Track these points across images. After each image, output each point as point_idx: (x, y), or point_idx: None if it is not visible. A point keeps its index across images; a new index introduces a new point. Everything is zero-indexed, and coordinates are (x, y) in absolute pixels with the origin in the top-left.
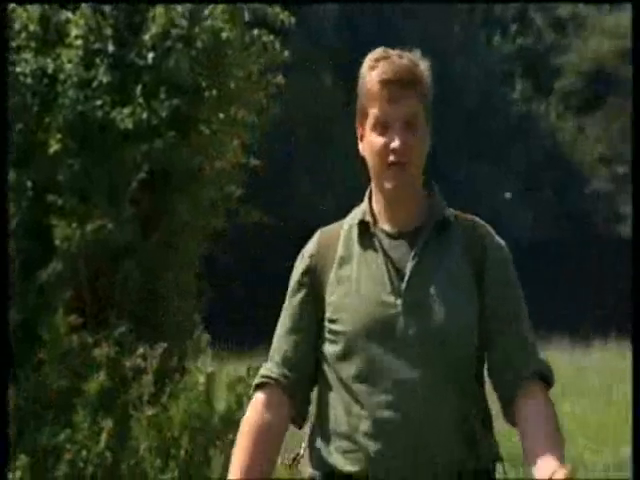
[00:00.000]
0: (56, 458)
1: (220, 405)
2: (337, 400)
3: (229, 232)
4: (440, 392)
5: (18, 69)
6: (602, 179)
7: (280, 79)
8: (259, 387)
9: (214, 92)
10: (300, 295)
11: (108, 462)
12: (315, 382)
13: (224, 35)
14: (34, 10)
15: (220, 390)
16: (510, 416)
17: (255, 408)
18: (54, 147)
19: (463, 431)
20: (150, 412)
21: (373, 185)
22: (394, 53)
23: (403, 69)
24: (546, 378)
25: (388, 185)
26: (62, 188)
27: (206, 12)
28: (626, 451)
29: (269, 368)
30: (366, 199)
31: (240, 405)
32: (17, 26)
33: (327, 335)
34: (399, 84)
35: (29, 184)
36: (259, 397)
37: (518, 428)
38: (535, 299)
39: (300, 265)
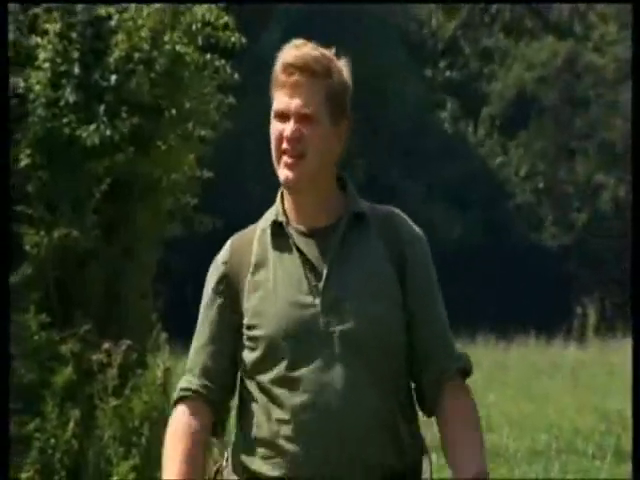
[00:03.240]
0: (26, 446)
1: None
2: (258, 406)
3: (185, 238)
4: (361, 391)
5: None
6: (524, 193)
7: (231, 99)
8: (180, 400)
9: (172, 111)
10: (216, 304)
11: (75, 449)
12: (234, 392)
13: (183, 58)
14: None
15: (176, 383)
16: (429, 411)
17: (177, 418)
18: (24, 161)
19: (386, 430)
20: (114, 403)
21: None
22: (310, 45)
23: (309, 56)
24: (465, 370)
25: (282, 176)
26: (31, 199)
27: (166, 37)
28: (543, 438)
29: (188, 380)
30: (278, 199)
31: None
32: None
33: (246, 342)
34: (301, 70)
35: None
36: (180, 408)
37: (439, 427)
38: (463, 300)
39: (214, 273)
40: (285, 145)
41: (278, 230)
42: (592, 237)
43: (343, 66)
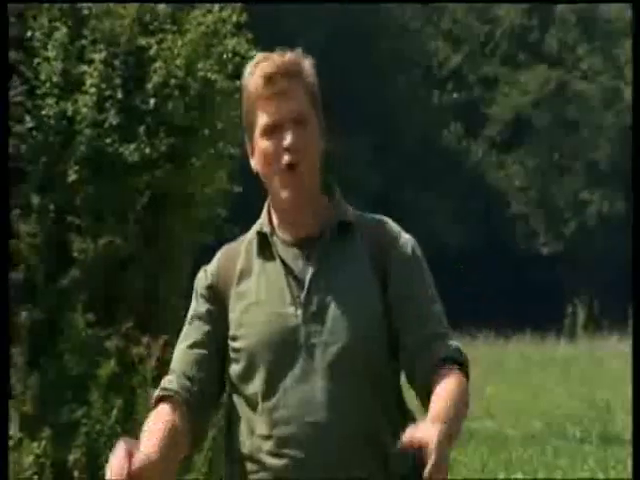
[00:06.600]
0: (74, 431)
1: None
2: (242, 421)
3: (216, 246)
4: (343, 404)
5: (43, 112)
6: (519, 204)
7: None
8: (160, 400)
9: (204, 131)
10: (203, 309)
11: (118, 434)
12: (217, 403)
13: (214, 85)
14: (57, 64)
15: None
16: (422, 399)
17: (155, 415)
18: (72, 177)
19: (370, 444)
20: (153, 392)
21: (270, 194)
22: (275, 54)
23: (286, 62)
24: (458, 361)
25: (284, 194)
26: (79, 210)
27: (199, 66)
28: (537, 424)
29: (170, 380)
30: (265, 210)
31: None
32: (43, 77)
33: (231, 354)
34: (284, 76)
35: (52, 207)
36: (159, 407)
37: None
38: (465, 301)
39: (202, 281)
40: (287, 157)
41: (263, 240)
42: (580, 245)
43: (310, 65)
